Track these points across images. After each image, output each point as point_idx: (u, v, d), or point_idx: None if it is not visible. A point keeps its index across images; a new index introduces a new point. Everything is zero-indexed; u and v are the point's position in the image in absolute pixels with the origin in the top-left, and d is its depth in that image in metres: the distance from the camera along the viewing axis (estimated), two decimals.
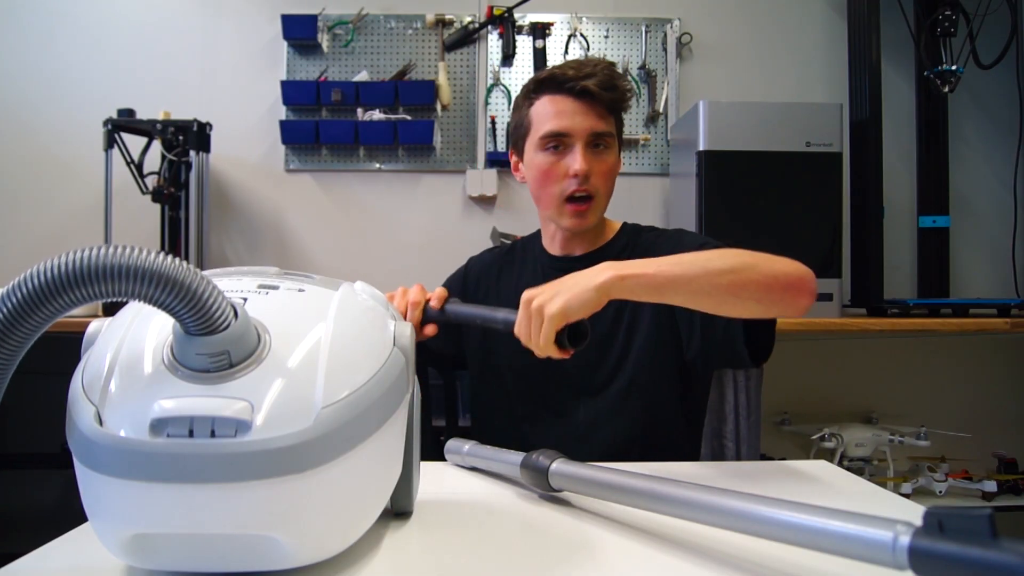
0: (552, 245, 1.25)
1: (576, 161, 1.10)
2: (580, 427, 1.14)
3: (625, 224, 1.25)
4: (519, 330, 0.87)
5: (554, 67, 1.16)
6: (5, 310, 0.43)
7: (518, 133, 1.19)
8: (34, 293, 0.43)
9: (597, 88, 1.09)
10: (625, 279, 0.85)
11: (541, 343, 0.84)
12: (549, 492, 0.76)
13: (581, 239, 1.21)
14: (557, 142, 1.12)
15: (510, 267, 1.30)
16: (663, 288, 0.87)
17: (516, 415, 1.20)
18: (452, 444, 0.96)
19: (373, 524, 0.59)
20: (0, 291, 0.43)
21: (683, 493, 0.59)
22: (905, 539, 0.41)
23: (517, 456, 0.79)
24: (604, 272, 0.85)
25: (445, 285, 1.33)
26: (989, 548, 0.37)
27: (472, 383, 1.30)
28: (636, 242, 1.20)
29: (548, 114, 1.12)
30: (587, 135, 1.11)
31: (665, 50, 2.50)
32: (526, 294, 0.88)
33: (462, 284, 1.32)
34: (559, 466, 0.73)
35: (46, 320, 0.44)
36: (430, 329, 1.06)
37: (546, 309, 0.84)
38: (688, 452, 1.21)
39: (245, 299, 0.55)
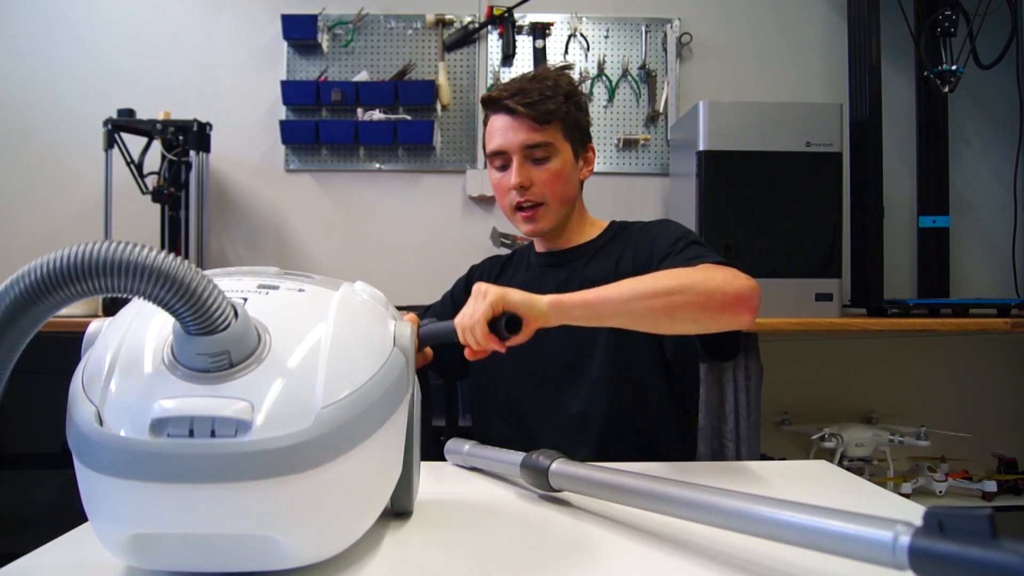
0: (539, 243, 1.29)
1: (511, 175, 1.16)
2: (575, 419, 1.15)
3: (612, 222, 1.28)
4: (460, 317, 0.91)
5: (499, 85, 1.22)
6: (7, 301, 0.43)
7: None
8: (37, 284, 0.42)
9: (519, 105, 1.14)
10: (562, 302, 0.90)
11: (478, 316, 0.87)
12: (549, 492, 0.76)
13: (562, 237, 1.24)
14: (499, 159, 1.19)
15: (508, 269, 1.33)
16: (598, 310, 0.91)
17: (516, 413, 1.21)
18: (452, 444, 0.96)
19: (373, 524, 0.59)
20: (2, 283, 0.43)
21: (683, 493, 0.59)
22: (905, 539, 0.41)
23: (517, 456, 0.79)
24: (544, 297, 0.91)
25: (450, 294, 1.35)
26: (989, 548, 0.37)
27: (472, 383, 1.30)
28: (620, 236, 1.23)
29: (490, 133, 1.20)
30: (520, 149, 1.16)
31: (665, 50, 2.50)
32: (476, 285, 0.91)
33: (464, 290, 1.33)
34: (559, 466, 0.73)
35: (47, 312, 0.44)
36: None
37: (488, 293, 0.88)
38: (684, 446, 1.22)
39: (245, 299, 0.55)
